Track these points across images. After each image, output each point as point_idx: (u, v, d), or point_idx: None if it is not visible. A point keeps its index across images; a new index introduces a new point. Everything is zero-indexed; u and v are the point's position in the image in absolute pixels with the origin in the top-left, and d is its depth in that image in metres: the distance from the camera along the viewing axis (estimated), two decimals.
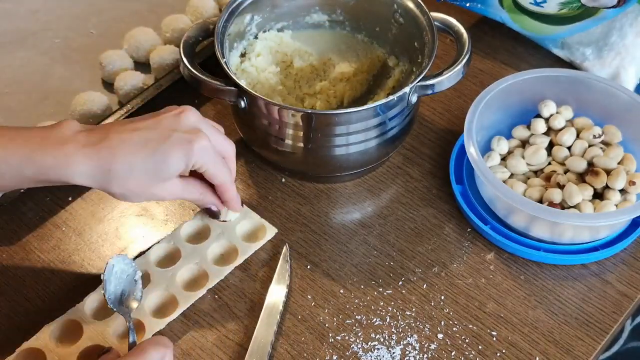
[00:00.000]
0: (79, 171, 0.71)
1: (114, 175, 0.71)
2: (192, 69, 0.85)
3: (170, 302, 0.80)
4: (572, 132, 0.89)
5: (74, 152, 0.71)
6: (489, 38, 1.06)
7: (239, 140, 0.95)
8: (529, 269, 0.84)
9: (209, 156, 0.75)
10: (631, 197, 0.84)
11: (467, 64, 0.87)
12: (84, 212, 0.89)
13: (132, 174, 0.72)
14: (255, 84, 0.95)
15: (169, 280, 0.80)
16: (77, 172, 0.71)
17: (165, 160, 0.72)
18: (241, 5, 0.92)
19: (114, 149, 0.71)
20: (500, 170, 0.87)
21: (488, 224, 0.86)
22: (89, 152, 0.71)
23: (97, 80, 1.01)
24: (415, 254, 0.85)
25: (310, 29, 1.00)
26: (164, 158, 0.72)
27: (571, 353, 0.78)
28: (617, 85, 0.91)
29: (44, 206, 0.89)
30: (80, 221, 0.88)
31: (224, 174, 0.78)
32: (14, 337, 0.77)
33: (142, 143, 0.72)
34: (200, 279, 0.82)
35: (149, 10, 1.09)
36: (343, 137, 0.84)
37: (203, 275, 0.81)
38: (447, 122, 0.97)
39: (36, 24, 1.08)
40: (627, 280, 0.84)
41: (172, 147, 0.72)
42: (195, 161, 0.74)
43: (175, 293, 0.80)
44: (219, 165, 0.77)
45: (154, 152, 0.72)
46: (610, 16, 0.96)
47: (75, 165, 0.71)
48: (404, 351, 0.78)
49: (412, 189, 0.91)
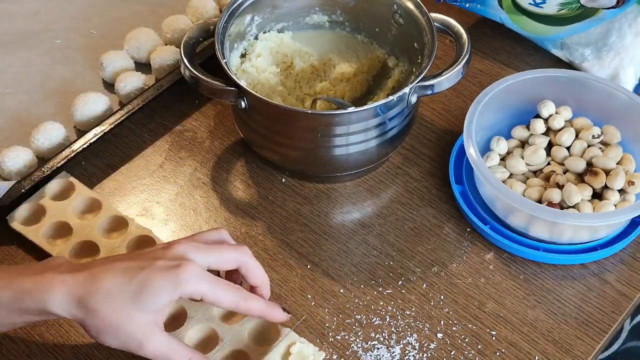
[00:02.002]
0: (54, 297, 0.68)
1: (90, 301, 0.67)
2: (192, 69, 0.85)
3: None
4: (571, 133, 0.89)
5: (52, 278, 0.68)
6: (488, 39, 1.07)
7: (239, 140, 0.96)
8: (528, 269, 0.85)
9: (202, 282, 0.69)
10: (630, 197, 0.84)
11: (467, 64, 0.87)
12: None
13: (110, 300, 0.67)
14: (255, 85, 0.95)
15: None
16: (52, 298, 0.68)
17: (144, 286, 0.67)
18: (241, 6, 0.92)
19: (93, 274, 0.68)
20: (499, 170, 0.87)
21: (487, 224, 0.86)
22: (66, 278, 0.68)
23: (98, 80, 1.01)
24: (414, 254, 0.86)
25: (311, 29, 1.00)
26: (144, 284, 0.67)
27: (570, 352, 0.78)
28: (616, 86, 0.91)
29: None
30: None
31: (228, 295, 0.71)
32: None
33: (122, 269, 0.69)
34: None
35: (150, 11, 1.09)
36: (343, 137, 0.85)
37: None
38: (447, 122, 0.98)
39: (37, 24, 1.08)
40: (626, 280, 0.84)
41: (153, 273, 0.68)
42: (188, 291, 0.69)
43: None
44: (219, 287, 0.70)
45: (133, 278, 0.68)
46: (610, 17, 0.97)
47: (51, 290, 0.68)
48: (404, 350, 0.78)
49: (412, 189, 0.91)
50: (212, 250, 0.72)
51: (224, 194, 0.91)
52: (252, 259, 0.74)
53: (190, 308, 0.78)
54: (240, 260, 0.73)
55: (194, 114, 0.99)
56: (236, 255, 0.73)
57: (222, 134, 0.97)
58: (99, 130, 0.91)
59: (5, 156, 0.89)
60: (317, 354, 0.76)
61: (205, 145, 0.96)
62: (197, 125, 0.98)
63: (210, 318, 0.77)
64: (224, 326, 0.77)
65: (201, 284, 0.69)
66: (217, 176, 0.93)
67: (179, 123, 0.98)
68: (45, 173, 0.87)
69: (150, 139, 0.96)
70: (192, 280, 0.68)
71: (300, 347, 0.76)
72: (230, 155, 0.95)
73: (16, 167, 0.89)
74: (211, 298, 0.70)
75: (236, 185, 0.92)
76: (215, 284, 0.70)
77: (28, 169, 0.89)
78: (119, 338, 0.68)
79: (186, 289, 0.68)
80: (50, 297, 0.68)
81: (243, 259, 0.73)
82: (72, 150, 0.89)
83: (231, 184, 0.92)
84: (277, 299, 0.82)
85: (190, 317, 0.77)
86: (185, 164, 0.94)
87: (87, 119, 0.94)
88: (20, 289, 0.69)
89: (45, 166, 0.88)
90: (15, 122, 0.96)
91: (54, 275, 0.69)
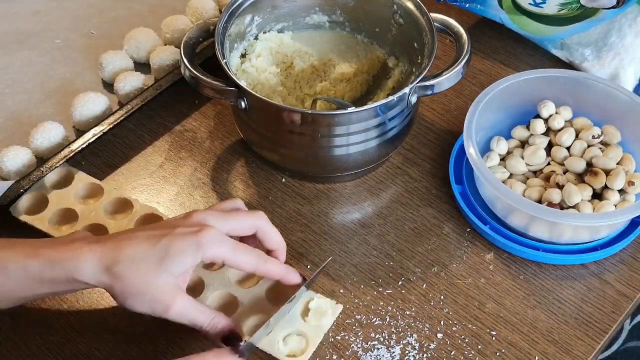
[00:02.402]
0: (83, 265, 0.70)
1: (116, 268, 0.70)
2: (192, 69, 0.85)
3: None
4: (571, 133, 0.89)
5: (79, 247, 0.71)
6: (488, 39, 1.07)
7: (239, 140, 0.96)
8: (528, 269, 0.84)
9: (223, 245, 0.72)
10: (630, 197, 0.84)
11: (467, 64, 0.87)
12: None
13: (135, 266, 0.70)
14: (255, 85, 0.95)
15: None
16: (81, 265, 0.70)
17: (168, 251, 0.70)
18: (241, 6, 0.92)
19: (119, 242, 0.71)
20: (499, 170, 0.87)
21: (487, 224, 0.86)
22: (94, 247, 0.71)
23: (98, 80, 1.01)
24: (414, 254, 0.86)
25: (311, 29, 1.00)
26: (167, 249, 0.70)
27: (570, 353, 0.78)
28: (616, 86, 0.91)
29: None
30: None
31: (249, 258, 0.74)
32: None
33: (146, 236, 0.72)
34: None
35: (149, 10, 1.09)
36: (343, 137, 0.85)
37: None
38: (447, 122, 0.98)
39: (37, 24, 1.08)
40: (626, 280, 0.84)
41: (176, 238, 0.71)
42: (209, 254, 0.72)
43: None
44: (239, 250, 0.73)
45: (156, 244, 0.71)
46: (610, 17, 0.97)
47: (81, 258, 0.71)
48: (404, 351, 0.78)
49: (412, 189, 0.91)
50: (230, 216, 0.75)
51: (224, 194, 0.91)
52: (269, 224, 0.77)
53: (207, 276, 0.80)
54: (257, 225, 0.76)
55: (193, 114, 0.99)
56: (253, 220, 0.76)
57: (222, 134, 0.97)
58: (98, 130, 0.91)
59: (4, 156, 0.89)
60: (335, 307, 0.79)
61: (205, 146, 0.95)
62: (197, 126, 0.97)
63: (227, 284, 0.80)
64: (241, 290, 0.79)
65: (222, 247, 0.72)
66: (217, 176, 0.93)
67: (179, 123, 0.98)
68: (44, 173, 0.87)
69: (150, 139, 0.96)
70: (213, 243, 0.71)
71: (318, 302, 0.79)
72: (230, 155, 0.95)
73: (15, 167, 0.89)
74: (232, 261, 0.73)
75: (236, 185, 0.92)
76: (235, 247, 0.73)
77: (27, 168, 0.89)
78: (145, 302, 0.71)
79: (208, 252, 0.71)
80: (79, 265, 0.70)
81: (260, 224, 0.76)
82: (71, 150, 0.89)
83: (231, 184, 0.92)
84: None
85: (208, 284, 0.79)
86: (185, 164, 0.94)
87: (87, 119, 0.94)
88: (49, 259, 0.71)
89: (44, 166, 0.88)
90: (14, 122, 0.96)
91: (82, 244, 0.71)
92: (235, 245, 0.73)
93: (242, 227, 0.76)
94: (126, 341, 0.79)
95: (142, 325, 0.80)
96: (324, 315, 0.78)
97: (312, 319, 0.78)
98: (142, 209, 0.86)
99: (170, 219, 0.76)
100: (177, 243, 0.71)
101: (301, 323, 0.78)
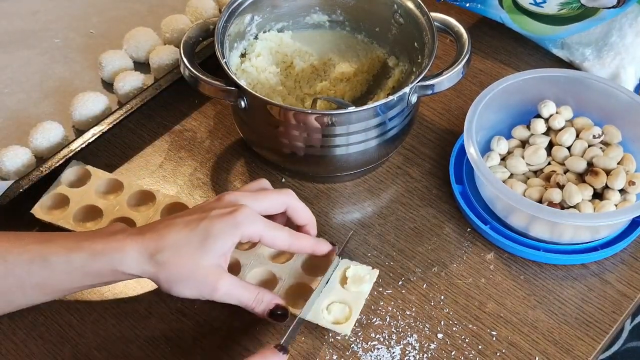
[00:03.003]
0: (127, 256, 0.72)
1: (160, 256, 0.71)
2: (192, 69, 0.85)
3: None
4: (572, 132, 0.89)
5: (122, 239, 0.72)
6: (488, 38, 1.06)
7: (238, 140, 0.96)
8: (528, 269, 0.84)
9: (258, 223, 0.74)
10: (631, 197, 0.84)
11: (467, 64, 0.87)
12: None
13: (178, 252, 0.71)
14: (255, 84, 0.95)
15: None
16: (125, 257, 0.72)
17: (207, 234, 0.72)
18: (241, 6, 0.92)
19: (160, 231, 0.72)
20: (500, 170, 0.87)
21: (488, 224, 0.86)
22: (136, 238, 0.72)
23: (97, 80, 1.01)
24: (415, 254, 0.85)
25: (311, 29, 1.00)
26: (207, 232, 0.72)
27: (571, 353, 0.78)
28: (616, 86, 0.91)
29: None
30: None
31: (283, 234, 0.76)
32: None
33: (184, 222, 0.73)
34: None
35: (149, 10, 1.09)
36: (343, 137, 0.84)
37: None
38: (447, 122, 0.97)
39: (36, 24, 1.08)
40: (627, 280, 0.84)
41: (213, 220, 0.72)
42: (247, 232, 0.73)
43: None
44: (273, 228, 0.75)
45: (196, 228, 0.72)
46: (610, 16, 0.96)
47: (124, 250, 0.72)
48: (404, 351, 0.78)
49: (412, 189, 0.91)
50: (260, 195, 0.77)
51: None
52: (298, 200, 0.79)
53: (242, 256, 0.82)
54: (287, 202, 0.78)
55: (193, 113, 0.99)
56: (283, 199, 0.78)
57: (222, 134, 0.96)
58: (98, 130, 0.91)
59: (3, 156, 0.89)
60: (371, 273, 0.81)
61: (205, 145, 0.95)
62: (197, 125, 0.97)
63: (263, 261, 0.82)
64: (278, 265, 0.82)
65: (257, 224, 0.74)
66: (217, 176, 0.93)
67: (179, 123, 0.98)
68: (43, 173, 0.87)
69: (150, 138, 0.96)
70: (249, 221, 0.73)
71: (355, 270, 0.81)
72: (230, 155, 0.95)
73: (14, 167, 0.89)
74: (268, 238, 0.75)
75: (236, 185, 0.92)
76: (269, 225, 0.75)
77: (26, 168, 0.89)
78: (192, 286, 0.72)
79: (246, 230, 0.73)
80: (123, 256, 0.72)
81: (290, 201, 0.78)
82: (70, 150, 0.89)
83: (231, 184, 0.92)
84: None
85: (244, 264, 0.81)
86: (185, 164, 0.94)
87: (86, 119, 0.93)
88: (92, 251, 0.72)
89: (43, 166, 0.88)
90: (13, 122, 0.96)
91: (123, 236, 0.73)
92: (269, 223, 0.75)
93: (273, 205, 0.77)
94: (126, 341, 0.79)
95: (142, 326, 0.80)
96: (362, 282, 0.80)
97: (351, 286, 0.80)
98: (165, 199, 0.87)
99: (202, 204, 0.77)
100: (216, 225, 0.72)
101: (342, 291, 0.80)
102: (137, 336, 0.79)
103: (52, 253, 0.72)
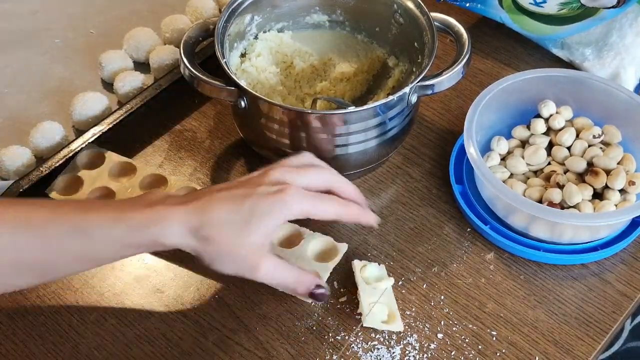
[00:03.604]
0: (169, 229, 0.70)
1: (204, 230, 0.70)
2: (192, 69, 0.85)
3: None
4: (572, 132, 0.89)
5: (164, 210, 0.71)
6: (488, 38, 1.06)
7: (239, 140, 0.96)
8: (528, 269, 0.84)
9: (305, 201, 0.73)
10: (631, 197, 0.84)
11: (467, 64, 0.87)
12: None
13: (222, 229, 0.71)
14: (255, 84, 0.95)
15: None
16: (168, 230, 0.70)
17: (254, 212, 0.71)
18: (241, 6, 0.92)
19: (203, 204, 0.71)
20: (500, 170, 0.87)
21: (488, 224, 0.86)
22: (179, 210, 0.71)
23: (97, 80, 1.01)
24: (415, 254, 0.85)
25: (311, 29, 1.00)
26: (253, 211, 0.71)
27: (571, 353, 0.78)
28: (616, 85, 0.91)
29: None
30: None
31: (332, 205, 0.75)
32: None
33: (229, 197, 0.72)
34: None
35: (149, 10, 1.09)
36: (343, 137, 0.84)
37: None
38: (447, 122, 0.97)
39: (36, 24, 1.08)
40: (627, 280, 0.84)
41: (260, 199, 0.71)
42: (294, 212, 0.72)
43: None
44: (321, 201, 0.75)
45: (241, 205, 0.71)
46: (610, 16, 0.96)
47: (165, 222, 0.70)
48: (404, 351, 0.78)
49: (412, 189, 0.91)
50: (305, 172, 0.76)
51: None
52: (341, 178, 0.78)
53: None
54: (331, 180, 0.77)
55: (193, 113, 0.99)
56: (327, 176, 0.77)
57: (222, 134, 0.96)
58: (98, 130, 0.91)
59: (3, 155, 0.89)
60: (380, 268, 0.83)
61: (205, 145, 0.95)
62: (197, 125, 0.97)
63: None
64: (285, 251, 0.82)
65: (305, 202, 0.73)
66: (217, 176, 0.93)
67: (179, 123, 0.98)
68: (43, 172, 0.87)
69: (150, 138, 0.96)
70: (297, 201, 0.72)
71: (370, 270, 0.82)
72: (230, 155, 0.95)
73: (14, 167, 0.89)
74: (317, 213, 0.74)
75: None
76: (317, 199, 0.74)
77: (26, 168, 0.89)
78: (233, 263, 0.72)
79: (293, 210, 0.72)
80: (165, 229, 0.70)
81: (334, 179, 0.77)
82: (70, 149, 0.89)
83: None
84: (277, 298, 0.81)
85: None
86: (185, 163, 0.94)
87: (86, 119, 0.93)
88: (133, 223, 0.71)
89: (43, 165, 0.88)
90: (13, 122, 0.96)
91: (165, 207, 0.71)
92: (316, 197, 0.74)
93: (317, 182, 0.76)
94: (126, 341, 0.79)
95: (142, 326, 0.80)
96: (382, 278, 0.81)
97: (374, 284, 0.80)
98: (176, 183, 0.88)
99: (247, 177, 0.75)
100: (262, 204, 0.71)
101: (375, 292, 0.80)
102: (137, 336, 0.79)
103: (92, 225, 0.71)
